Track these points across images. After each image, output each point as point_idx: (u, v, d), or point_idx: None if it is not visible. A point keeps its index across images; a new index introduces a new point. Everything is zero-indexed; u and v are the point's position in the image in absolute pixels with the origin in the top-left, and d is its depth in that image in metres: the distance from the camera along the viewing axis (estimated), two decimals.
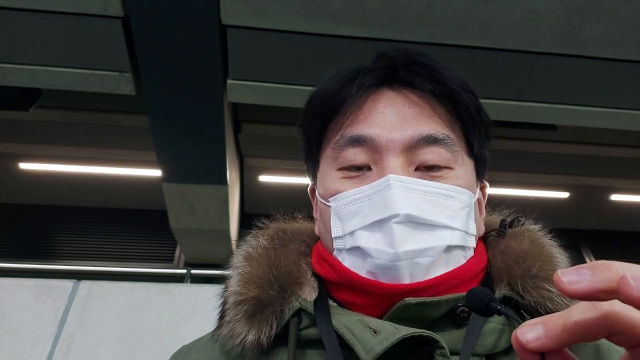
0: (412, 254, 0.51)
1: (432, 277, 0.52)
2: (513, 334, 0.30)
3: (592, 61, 2.83)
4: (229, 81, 2.94)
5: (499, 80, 2.96)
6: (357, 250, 0.54)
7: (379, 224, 0.53)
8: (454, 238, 0.54)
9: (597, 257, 5.70)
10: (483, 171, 0.64)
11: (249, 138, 4.60)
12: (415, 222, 0.52)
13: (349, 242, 0.55)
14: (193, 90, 2.89)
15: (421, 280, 0.52)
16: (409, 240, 0.51)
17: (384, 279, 0.52)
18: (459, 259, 0.55)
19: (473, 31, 2.64)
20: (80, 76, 2.83)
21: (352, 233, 0.55)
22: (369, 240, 0.53)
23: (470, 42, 2.71)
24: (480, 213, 0.64)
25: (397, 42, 2.67)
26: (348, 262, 0.55)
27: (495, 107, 3.09)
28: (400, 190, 0.52)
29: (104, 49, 2.69)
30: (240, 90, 2.99)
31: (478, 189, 0.62)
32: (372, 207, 0.54)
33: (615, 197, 5.69)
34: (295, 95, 2.95)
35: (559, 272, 0.29)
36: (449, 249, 0.54)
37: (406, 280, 0.51)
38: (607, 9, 2.50)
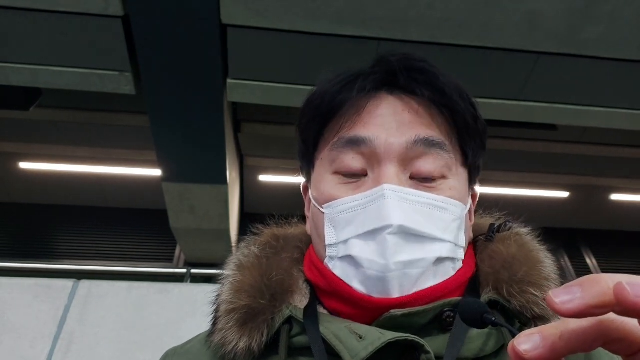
0: (402, 265, 0.51)
1: (420, 289, 0.53)
2: (510, 344, 0.30)
3: (592, 61, 2.83)
4: (229, 81, 2.94)
5: (499, 80, 2.96)
6: (349, 259, 0.54)
7: (372, 234, 0.53)
8: (444, 250, 0.54)
9: (597, 257, 5.70)
10: (475, 179, 0.65)
11: (249, 138, 4.60)
12: (407, 234, 0.53)
13: (342, 251, 0.55)
14: (193, 89, 2.89)
15: (410, 291, 0.52)
16: (401, 252, 0.52)
17: (374, 292, 0.53)
18: (448, 271, 0.56)
19: (473, 31, 2.64)
20: (81, 76, 2.83)
21: (345, 241, 0.55)
22: (362, 250, 0.53)
23: (471, 43, 2.71)
24: (470, 220, 0.64)
25: (397, 42, 2.67)
26: (339, 270, 0.56)
27: (496, 107, 3.09)
28: (394, 200, 0.53)
29: (105, 49, 2.69)
30: (240, 90, 2.99)
31: (469, 200, 0.63)
32: (367, 216, 0.54)
33: (615, 197, 5.69)
34: (295, 95, 2.95)
35: (550, 293, 0.29)
36: (439, 260, 0.54)
37: (395, 291, 0.52)
38: (606, 10, 2.50)
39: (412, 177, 0.56)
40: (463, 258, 0.58)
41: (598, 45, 2.71)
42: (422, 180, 0.56)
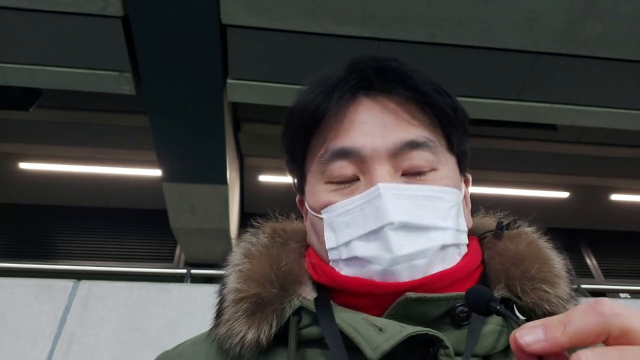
0: (410, 257, 0.52)
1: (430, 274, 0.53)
2: (511, 335, 0.31)
3: (592, 61, 2.83)
4: (229, 81, 2.94)
5: (499, 80, 2.96)
6: (355, 259, 0.55)
7: (374, 234, 0.54)
8: (447, 237, 0.55)
9: (597, 257, 5.70)
10: (465, 164, 0.65)
11: (249, 138, 4.59)
12: (409, 228, 0.53)
13: (344, 253, 0.56)
14: (193, 89, 2.89)
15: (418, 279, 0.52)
16: (406, 245, 0.52)
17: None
18: (454, 257, 0.56)
19: (473, 31, 2.63)
20: (80, 76, 2.83)
21: (347, 244, 0.55)
22: (366, 249, 0.54)
23: (471, 42, 2.71)
24: (467, 205, 0.65)
25: (397, 42, 2.67)
26: (346, 271, 0.56)
27: (496, 107, 3.09)
28: (391, 198, 0.53)
29: (104, 49, 2.69)
30: (240, 89, 2.99)
31: (463, 185, 0.63)
32: (365, 217, 0.54)
33: (615, 197, 5.68)
34: (295, 95, 2.94)
35: (516, 333, 0.31)
36: (444, 247, 0.55)
37: (405, 279, 0.52)
38: (607, 9, 2.50)
39: (403, 175, 0.57)
40: (467, 242, 0.59)
41: (598, 44, 2.71)
42: (413, 175, 0.57)
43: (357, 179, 0.58)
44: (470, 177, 0.68)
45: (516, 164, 5.07)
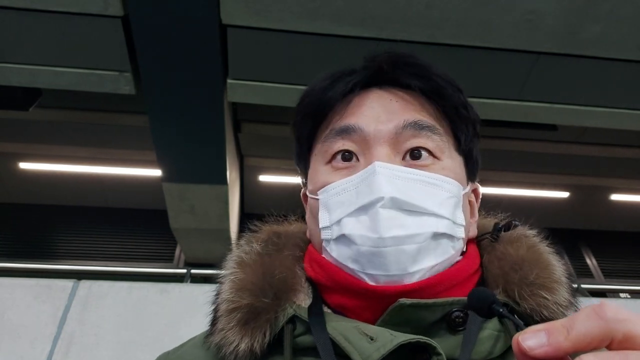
0: (398, 240, 0.50)
1: (421, 267, 0.52)
2: (514, 338, 0.30)
3: (592, 61, 2.83)
4: (229, 81, 2.94)
5: (499, 80, 2.96)
6: (343, 238, 0.54)
7: (364, 209, 0.53)
8: (441, 225, 0.53)
9: (597, 257, 5.70)
10: (474, 171, 0.64)
11: (249, 138, 4.59)
12: (400, 208, 0.52)
13: (335, 231, 0.55)
14: (193, 89, 2.89)
15: (408, 269, 0.51)
16: (394, 226, 0.51)
17: (370, 268, 0.52)
18: (447, 249, 0.54)
19: (473, 31, 2.63)
20: (80, 76, 2.83)
21: (338, 222, 0.55)
22: (354, 227, 0.53)
23: (470, 42, 2.71)
24: (472, 215, 0.63)
25: (397, 42, 2.67)
26: (335, 252, 0.55)
27: (496, 107, 3.09)
28: (386, 176, 0.53)
29: (104, 49, 2.69)
30: (241, 90, 2.99)
31: (468, 187, 0.62)
32: (358, 194, 0.54)
33: (615, 197, 5.69)
34: (295, 95, 2.89)
35: (519, 336, 0.31)
36: (436, 236, 0.53)
37: (392, 268, 0.50)
38: (606, 10, 2.50)
39: (404, 158, 0.57)
40: (464, 237, 0.58)
41: (598, 44, 2.71)
42: (414, 161, 0.56)
43: (357, 159, 0.57)
44: (479, 189, 0.66)
45: (516, 164, 5.07)
